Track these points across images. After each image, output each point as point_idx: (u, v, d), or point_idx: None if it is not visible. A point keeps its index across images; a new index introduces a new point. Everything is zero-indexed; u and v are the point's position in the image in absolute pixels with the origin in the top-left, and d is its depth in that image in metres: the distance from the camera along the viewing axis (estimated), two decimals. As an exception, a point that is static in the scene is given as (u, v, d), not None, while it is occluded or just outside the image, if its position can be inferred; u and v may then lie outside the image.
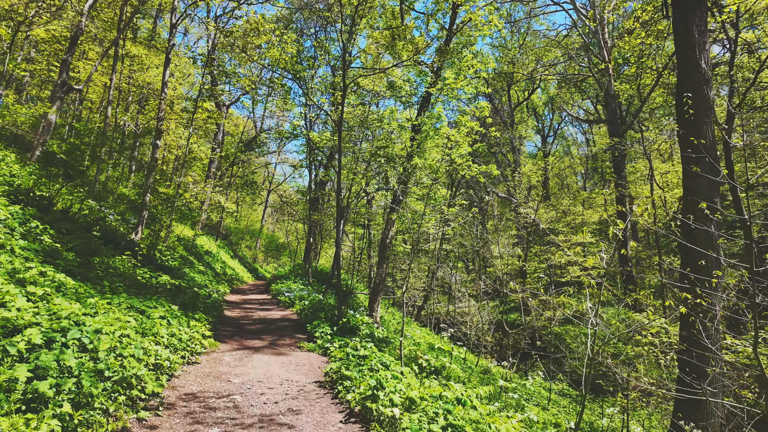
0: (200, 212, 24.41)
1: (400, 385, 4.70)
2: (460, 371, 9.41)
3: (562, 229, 29.68)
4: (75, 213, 12.65)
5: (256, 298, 15.20)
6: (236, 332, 8.92)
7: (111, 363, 4.22)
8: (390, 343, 12.49)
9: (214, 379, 5.43)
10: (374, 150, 17.57)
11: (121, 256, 11.11)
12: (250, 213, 40.29)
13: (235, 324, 9.87)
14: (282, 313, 11.75)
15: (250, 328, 9.49)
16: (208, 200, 24.70)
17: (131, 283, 9.61)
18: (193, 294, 10.38)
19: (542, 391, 16.42)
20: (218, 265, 20.75)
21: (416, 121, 15.62)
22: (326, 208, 23.11)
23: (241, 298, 14.97)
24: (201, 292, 11.34)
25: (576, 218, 31.29)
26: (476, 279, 26.70)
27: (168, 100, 16.30)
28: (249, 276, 25.36)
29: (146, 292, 9.07)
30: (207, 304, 9.86)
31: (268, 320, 10.56)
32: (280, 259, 39.14)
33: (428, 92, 16.31)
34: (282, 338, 8.61)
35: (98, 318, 5.11)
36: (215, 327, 8.77)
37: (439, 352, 14.82)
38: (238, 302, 13.86)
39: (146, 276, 11.25)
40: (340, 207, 9.01)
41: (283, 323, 10.21)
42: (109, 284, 8.34)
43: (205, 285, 13.71)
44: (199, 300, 10.01)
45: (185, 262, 16.55)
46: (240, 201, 35.58)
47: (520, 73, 26.99)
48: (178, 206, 15.18)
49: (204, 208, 24.66)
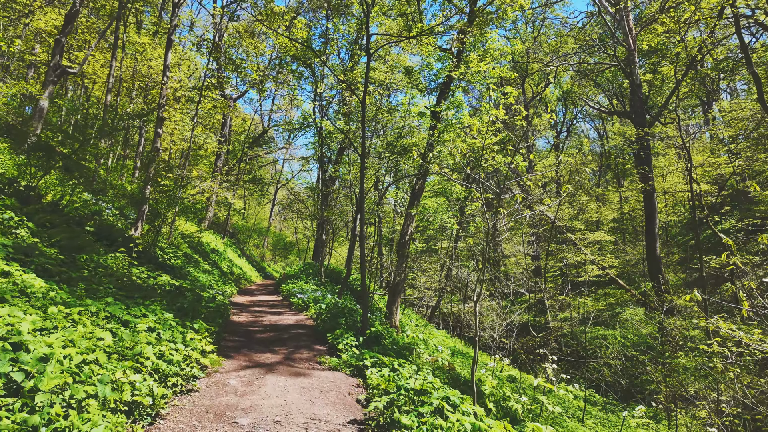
0: (206, 209, 22.94)
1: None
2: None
3: (579, 226, 28.01)
4: (66, 206, 11.17)
5: (265, 300, 13.68)
6: (244, 342, 7.38)
7: (53, 415, 2.70)
8: (413, 350, 10.94)
9: (215, 419, 3.88)
10: (391, 141, 16.02)
11: (115, 254, 9.61)
12: (257, 211, 38.81)
13: (242, 332, 8.33)
14: (295, 317, 10.20)
15: (260, 337, 7.95)
16: (215, 196, 23.22)
17: (123, 284, 8.10)
18: (195, 297, 8.85)
19: (569, 397, 14.84)
20: (225, 263, 19.25)
21: (438, 107, 14.06)
22: (336, 204, 21.59)
23: (249, 300, 13.45)
24: (204, 294, 9.82)
25: (592, 216, 29.62)
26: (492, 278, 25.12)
27: (170, 87, 14.80)
28: (257, 275, 23.86)
29: (140, 295, 7.56)
30: (210, 309, 8.34)
31: (281, 326, 9.02)
32: (288, 257, 37.64)
33: (449, 77, 14.71)
34: (298, 350, 7.07)
35: (54, 336, 3.59)
36: (219, 337, 7.24)
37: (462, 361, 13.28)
38: (246, 304, 12.33)
39: (143, 276, 9.75)
40: (362, 193, 7.47)
41: (297, 330, 8.66)
42: (95, 286, 6.84)
43: (210, 286, 12.19)
44: (202, 304, 8.49)
45: (189, 260, 15.05)
46: (247, 198, 34.13)
47: (538, 64, 25.33)
48: (181, 199, 13.68)
49: (210, 205, 23.18)
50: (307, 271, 18.33)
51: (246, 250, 31.19)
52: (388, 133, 16.57)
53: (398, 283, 13.91)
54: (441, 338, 17.20)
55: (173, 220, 15.57)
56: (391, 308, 13.76)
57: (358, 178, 15.22)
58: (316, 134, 17.67)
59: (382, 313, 14.31)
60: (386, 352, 6.98)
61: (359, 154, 7.97)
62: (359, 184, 7.38)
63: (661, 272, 18.91)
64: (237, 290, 15.56)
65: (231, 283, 15.30)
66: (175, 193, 12.93)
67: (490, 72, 13.98)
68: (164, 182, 13.46)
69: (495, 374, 14.85)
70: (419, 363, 9.28)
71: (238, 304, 12.16)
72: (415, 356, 10.53)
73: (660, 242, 30.55)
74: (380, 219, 21.82)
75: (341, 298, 12.88)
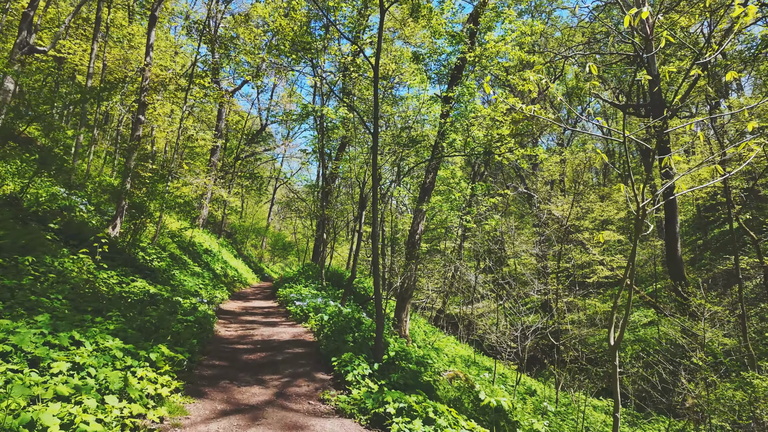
0: (199, 207, 21.14)
1: None
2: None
3: (588, 225, 26.33)
4: (30, 200, 9.41)
5: (259, 306, 11.91)
6: (226, 369, 5.63)
7: None
8: (428, 365, 9.21)
9: None
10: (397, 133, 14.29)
11: (78, 256, 7.85)
12: (255, 210, 36.97)
13: (227, 351, 6.57)
14: (293, 330, 8.44)
15: (248, 360, 6.19)
16: (210, 193, 21.42)
17: (80, 293, 6.36)
18: (170, 308, 7.09)
19: (588, 409, 13.18)
20: (218, 265, 17.45)
21: (451, 92, 12.34)
22: (337, 203, 19.86)
23: (241, 307, 11.68)
24: (185, 302, 8.05)
25: (601, 215, 27.99)
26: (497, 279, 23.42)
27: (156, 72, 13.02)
28: (253, 277, 22.06)
29: (95, 308, 5.81)
30: (187, 324, 6.58)
31: (275, 343, 7.25)
32: (287, 258, 35.82)
33: (462, 59, 12.97)
34: (295, 380, 5.32)
35: None
36: (193, 362, 5.48)
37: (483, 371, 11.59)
38: (236, 312, 10.57)
39: (111, 282, 7.98)
40: (375, 180, 5.74)
41: (294, 349, 6.89)
42: (34, 297, 5.10)
43: (195, 292, 10.41)
44: (177, 317, 6.74)
45: (177, 262, 13.27)
46: (245, 197, 32.35)
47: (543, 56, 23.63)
48: (166, 193, 11.89)
49: (204, 203, 21.37)
50: (306, 273, 16.56)
51: (243, 251, 29.38)
52: (392, 127, 14.83)
53: (407, 288, 12.18)
54: (451, 345, 15.49)
55: (159, 218, 13.79)
56: (399, 315, 12.03)
57: (361, 175, 13.49)
58: (315, 127, 15.92)
59: (390, 321, 12.57)
60: (408, 383, 5.25)
61: (371, 132, 6.23)
62: (372, 168, 5.65)
63: (683, 274, 17.22)
64: (229, 295, 13.79)
65: (222, 287, 13.52)
66: (157, 186, 11.14)
67: (510, 53, 12.27)
68: (146, 174, 11.69)
69: (512, 386, 13.13)
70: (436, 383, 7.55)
71: (227, 313, 10.39)
72: (430, 373, 8.81)
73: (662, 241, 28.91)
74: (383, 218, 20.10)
75: (345, 305, 11.13)
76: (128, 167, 11.34)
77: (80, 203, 11.28)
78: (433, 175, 12.87)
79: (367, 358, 5.61)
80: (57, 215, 9.62)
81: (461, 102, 12.67)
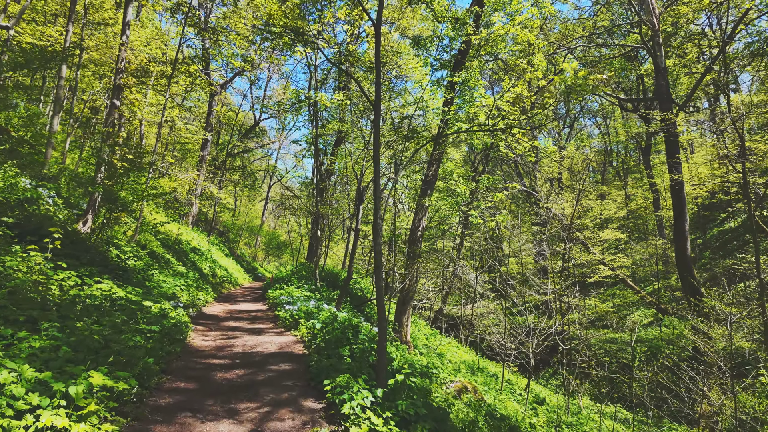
0: (188, 203, 19.83)
1: None
2: None
3: (589, 224, 25.25)
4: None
5: (246, 310, 10.65)
6: (191, 395, 4.39)
7: None
8: (432, 375, 8.02)
9: None
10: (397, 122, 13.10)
11: (28, 254, 6.57)
12: (249, 209, 35.60)
13: (198, 369, 5.34)
14: (280, 339, 7.20)
15: (221, 380, 4.96)
16: (199, 189, 20.10)
17: (24, 298, 5.12)
18: (129, 315, 5.84)
19: (592, 415, 12.12)
20: (206, 264, 16.15)
21: (456, 77, 11.17)
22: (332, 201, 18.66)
23: (226, 310, 10.42)
24: (154, 307, 6.79)
25: (597, 214, 26.92)
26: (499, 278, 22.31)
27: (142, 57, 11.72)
28: (245, 277, 20.77)
29: (27, 318, 4.57)
30: (151, 335, 5.34)
31: (257, 357, 6.02)
32: (281, 257, 34.49)
33: (467, 43, 11.77)
34: (278, 413, 4.10)
35: None
36: (146, 388, 4.25)
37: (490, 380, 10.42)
38: (220, 317, 9.31)
39: (67, 284, 6.71)
40: (377, 163, 4.54)
41: (280, 366, 5.66)
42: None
43: (172, 294, 9.12)
44: (139, 325, 5.51)
45: (158, 260, 11.97)
46: (238, 195, 31.02)
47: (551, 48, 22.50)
48: (144, 184, 10.58)
49: (194, 199, 20.05)
50: (299, 273, 15.31)
51: (236, 250, 28.05)
52: (389, 122, 13.64)
53: (409, 288, 10.97)
54: (453, 349, 14.31)
55: (140, 212, 12.49)
56: (400, 319, 10.82)
57: (358, 167, 12.28)
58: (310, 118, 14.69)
59: (389, 325, 11.37)
60: (420, 411, 4.04)
61: (371, 102, 5.03)
62: (373, 147, 4.44)
63: (693, 274, 16.16)
64: (215, 297, 12.51)
65: (208, 289, 12.24)
66: (130, 175, 9.84)
67: (520, 35, 11.11)
68: (122, 164, 10.39)
69: (520, 393, 11.98)
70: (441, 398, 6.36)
71: (209, 318, 9.14)
72: (436, 386, 7.62)
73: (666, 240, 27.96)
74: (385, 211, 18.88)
75: (340, 309, 9.91)
76: (101, 156, 10.05)
77: (47, 196, 9.96)
78: (435, 168, 11.68)
79: (367, 380, 4.40)
80: (15, 208, 8.34)
81: (466, 89, 11.50)
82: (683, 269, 16.47)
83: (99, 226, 9.99)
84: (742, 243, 24.76)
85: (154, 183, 17.21)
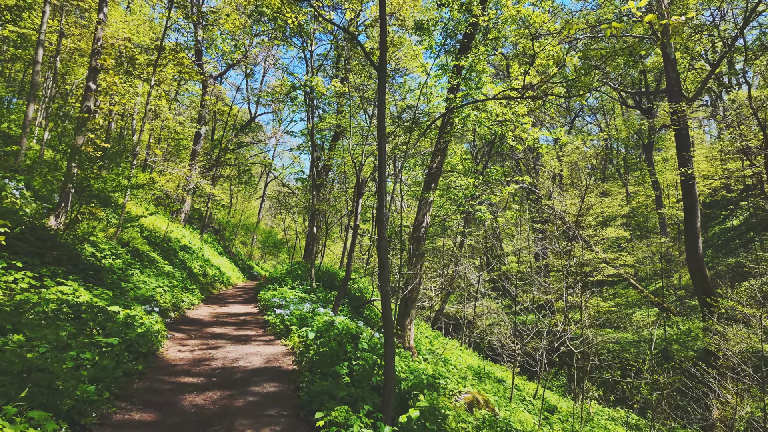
0: (179, 200, 18.73)
1: None
2: None
3: (592, 222, 24.29)
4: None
5: (235, 313, 9.61)
6: (148, 430, 3.36)
7: None
8: (440, 386, 7.01)
9: None
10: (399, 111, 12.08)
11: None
12: (245, 206, 34.46)
13: (164, 390, 4.30)
14: (268, 349, 6.16)
15: (189, 408, 3.92)
16: (192, 186, 18.99)
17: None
18: (78, 329, 4.79)
19: (603, 422, 11.17)
20: (197, 263, 15.07)
21: (463, 61, 10.16)
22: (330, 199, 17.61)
23: (213, 313, 9.37)
24: (122, 314, 5.74)
25: (603, 212, 25.99)
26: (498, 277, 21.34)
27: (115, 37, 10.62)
28: (239, 276, 19.70)
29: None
30: (106, 350, 4.31)
31: (238, 374, 4.98)
32: (278, 255, 33.37)
33: (474, 25, 10.80)
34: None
35: None
36: (84, 428, 3.22)
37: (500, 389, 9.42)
38: (204, 322, 8.27)
39: (19, 287, 5.66)
40: (382, 135, 3.51)
41: (264, 386, 4.62)
42: None
43: (150, 297, 8.07)
44: (94, 338, 4.48)
45: (142, 259, 10.90)
46: (234, 193, 29.91)
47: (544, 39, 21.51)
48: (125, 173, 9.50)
49: (186, 196, 18.93)
50: (295, 272, 14.27)
51: (232, 248, 26.93)
52: (389, 115, 12.57)
53: (412, 289, 9.95)
54: (457, 353, 13.32)
55: (122, 207, 11.41)
56: (402, 322, 9.80)
57: (358, 156, 11.25)
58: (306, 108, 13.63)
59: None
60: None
61: (375, 66, 4.00)
62: (377, 117, 3.39)
63: (705, 273, 15.23)
64: (204, 298, 11.45)
65: (195, 290, 11.17)
66: (112, 167, 8.78)
67: (532, 17, 10.10)
68: (97, 154, 9.30)
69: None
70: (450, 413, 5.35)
71: (193, 322, 8.08)
72: (443, 399, 6.61)
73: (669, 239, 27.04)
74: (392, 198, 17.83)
75: (338, 312, 8.88)
76: (75, 144, 8.98)
77: (14, 188, 8.88)
78: (440, 159, 10.66)
79: (371, 412, 3.38)
80: (-29, 200, 7.28)
81: (472, 74, 10.48)
82: (695, 268, 15.52)
83: (71, 222, 8.91)
84: (746, 241, 23.87)
85: (143, 177, 16.12)
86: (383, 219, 3.83)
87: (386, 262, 3.71)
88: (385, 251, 3.78)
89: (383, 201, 3.70)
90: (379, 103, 3.69)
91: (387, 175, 12.40)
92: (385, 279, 3.71)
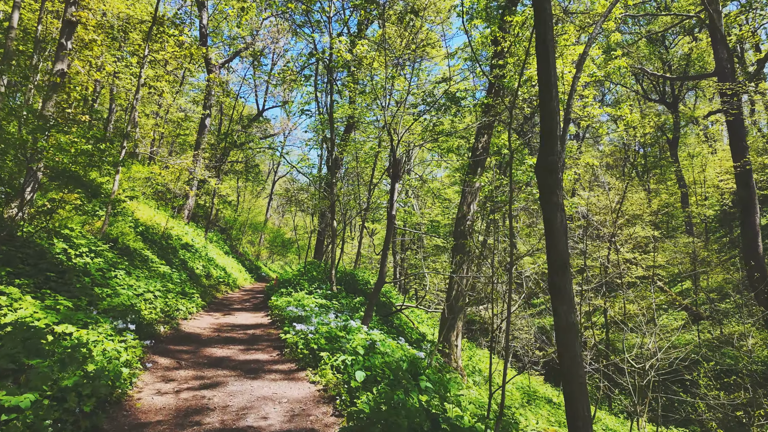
0: (182, 195, 16.72)
1: None
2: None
3: (621, 221, 22.13)
4: None
5: (242, 324, 7.53)
6: None
7: None
8: (511, 429, 4.91)
9: None
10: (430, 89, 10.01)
11: None
12: (253, 205, 32.42)
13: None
14: (290, 392, 4.07)
15: None
16: (196, 181, 16.98)
17: None
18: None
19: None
20: (199, 263, 13.03)
21: (513, 16, 8.10)
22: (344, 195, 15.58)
23: (215, 325, 7.30)
24: (62, 345, 3.70)
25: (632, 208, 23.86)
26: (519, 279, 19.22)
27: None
28: (247, 277, 17.66)
29: None
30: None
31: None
32: (287, 255, 31.31)
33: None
34: None
35: None
36: None
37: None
38: (202, 338, 6.20)
39: None
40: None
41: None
42: None
43: (130, 306, 5.99)
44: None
45: (132, 258, 8.85)
46: (241, 190, 27.91)
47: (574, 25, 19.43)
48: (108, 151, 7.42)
49: (189, 191, 16.91)
50: (309, 273, 12.19)
51: (239, 248, 24.89)
52: (417, 93, 10.41)
53: (457, 295, 7.86)
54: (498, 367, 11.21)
55: (110, 198, 9.36)
56: (448, 337, 7.71)
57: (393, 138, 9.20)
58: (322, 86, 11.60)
59: (430, 344, 8.25)
60: None
61: None
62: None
63: (767, 274, 13.08)
64: (205, 304, 9.38)
65: (195, 295, 9.10)
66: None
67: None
68: (73, 129, 7.26)
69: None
70: None
71: (188, 339, 6.02)
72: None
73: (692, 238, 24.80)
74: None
75: (368, 324, 6.79)
76: (44, 115, 6.96)
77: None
78: (487, 138, 8.59)
79: None
80: None
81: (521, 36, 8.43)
82: (754, 268, 13.37)
83: (40, 212, 6.87)
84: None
85: (143, 169, 14.11)
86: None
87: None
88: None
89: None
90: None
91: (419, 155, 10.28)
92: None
